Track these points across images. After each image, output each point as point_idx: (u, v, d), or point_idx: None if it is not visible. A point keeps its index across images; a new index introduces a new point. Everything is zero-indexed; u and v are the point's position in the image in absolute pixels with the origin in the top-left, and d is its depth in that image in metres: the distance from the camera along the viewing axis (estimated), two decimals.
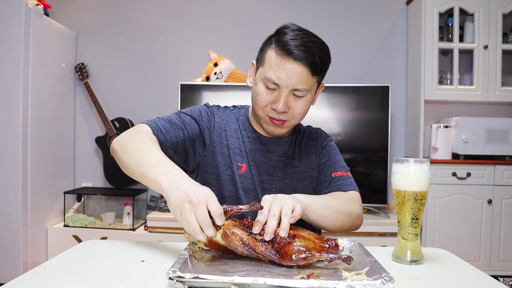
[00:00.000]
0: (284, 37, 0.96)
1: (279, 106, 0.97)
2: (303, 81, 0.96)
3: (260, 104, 1.01)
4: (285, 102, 0.98)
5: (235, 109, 1.18)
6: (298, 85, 0.96)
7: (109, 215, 2.84)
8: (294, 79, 0.95)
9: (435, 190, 2.57)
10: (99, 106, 2.87)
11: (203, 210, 0.73)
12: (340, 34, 3.02)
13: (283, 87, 0.97)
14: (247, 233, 0.77)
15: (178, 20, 3.06)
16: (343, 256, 0.73)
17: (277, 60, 0.96)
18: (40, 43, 2.57)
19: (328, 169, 1.11)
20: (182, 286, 0.63)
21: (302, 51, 0.94)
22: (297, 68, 0.95)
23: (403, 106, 3.01)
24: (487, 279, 0.74)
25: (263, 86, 0.99)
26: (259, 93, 1.00)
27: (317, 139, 1.18)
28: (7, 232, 2.43)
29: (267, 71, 0.97)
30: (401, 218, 0.84)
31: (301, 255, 0.73)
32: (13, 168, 2.42)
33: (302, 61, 0.94)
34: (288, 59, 0.95)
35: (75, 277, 0.71)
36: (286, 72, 0.95)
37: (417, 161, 0.82)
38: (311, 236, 0.78)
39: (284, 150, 1.13)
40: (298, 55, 0.94)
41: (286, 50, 0.94)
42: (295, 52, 0.94)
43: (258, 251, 0.75)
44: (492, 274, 2.45)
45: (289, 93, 0.98)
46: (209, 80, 2.76)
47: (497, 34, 2.64)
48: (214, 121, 1.10)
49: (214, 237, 0.76)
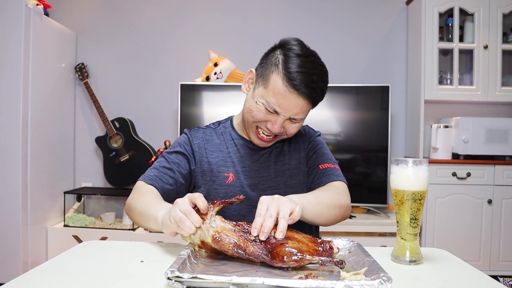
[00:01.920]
0: (290, 65, 0.96)
1: (275, 128, 1.01)
2: (302, 111, 1.01)
3: (255, 119, 1.03)
4: (281, 126, 1.02)
5: (219, 125, 1.21)
6: (297, 115, 1.01)
7: (109, 215, 2.84)
8: (295, 110, 0.99)
9: (435, 190, 2.57)
10: (99, 106, 2.87)
11: (183, 202, 0.80)
12: (340, 34, 3.02)
13: (281, 115, 1.00)
14: (238, 234, 0.77)
15: (178, 20, 3.06)
16: (335, 260, 0.72)
17: (282, 90, 0.97)
18: (40, 43, 2.57)
19: (315, 161, 1.14)
20: (180, 286, 0.63)
21: (308, 87, 0.96)
22: (300, 101, 0.98)
23: (403, 106, 3.01)
24: (487, 279, 0.74)
25: (263, 107, 1.01)
26: (257, 110, 1.02)
27: (305, 135, 1.21)
28: (7, 232, 2.43)
29: (271, 97, 0.99)
30: (400, 218, 0.84)
31: (292, 257, 0.73)
32: (13, 168, 2.42)
33: (306, 97, 0.98)
34: (293, 92, 0.97)
35: (75, 277, 0.71)
36: (289, 104, 0.98)
37: (416, 161, 0.82)
38: (305, 239, 0.78)
39: (272, 147, 1.15)
40: (304, 92, 0.97)
41: (293, 84, 0.96)
42: (301, 88, 0.96)
43: (248, 252, 0.75)
44: (492, 274, 2.46)
45: (286, 119, 1.02)
46: (209, 80, 2.76)
47: (497, 34, 2.63)
48: (193, 143, 1.15)
49: (205, 239, 0.77)
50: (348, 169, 2.63)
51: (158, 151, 2.83)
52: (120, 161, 2.85)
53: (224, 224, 0.79)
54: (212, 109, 2.72)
